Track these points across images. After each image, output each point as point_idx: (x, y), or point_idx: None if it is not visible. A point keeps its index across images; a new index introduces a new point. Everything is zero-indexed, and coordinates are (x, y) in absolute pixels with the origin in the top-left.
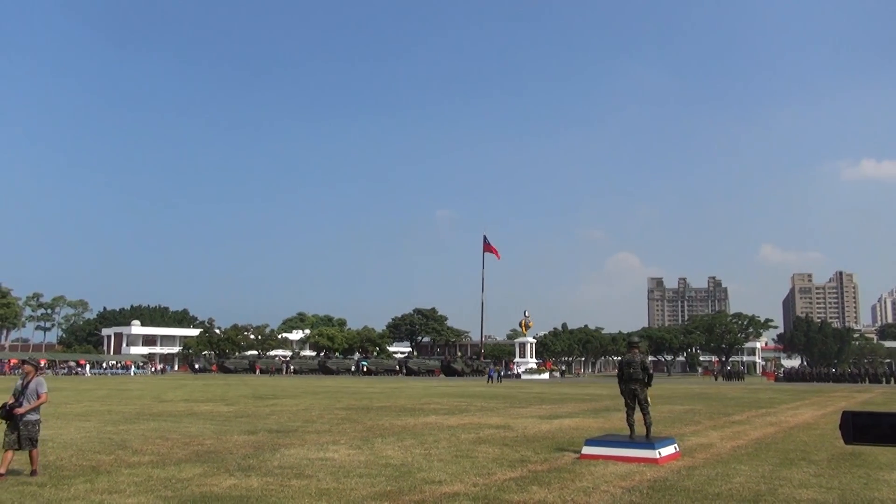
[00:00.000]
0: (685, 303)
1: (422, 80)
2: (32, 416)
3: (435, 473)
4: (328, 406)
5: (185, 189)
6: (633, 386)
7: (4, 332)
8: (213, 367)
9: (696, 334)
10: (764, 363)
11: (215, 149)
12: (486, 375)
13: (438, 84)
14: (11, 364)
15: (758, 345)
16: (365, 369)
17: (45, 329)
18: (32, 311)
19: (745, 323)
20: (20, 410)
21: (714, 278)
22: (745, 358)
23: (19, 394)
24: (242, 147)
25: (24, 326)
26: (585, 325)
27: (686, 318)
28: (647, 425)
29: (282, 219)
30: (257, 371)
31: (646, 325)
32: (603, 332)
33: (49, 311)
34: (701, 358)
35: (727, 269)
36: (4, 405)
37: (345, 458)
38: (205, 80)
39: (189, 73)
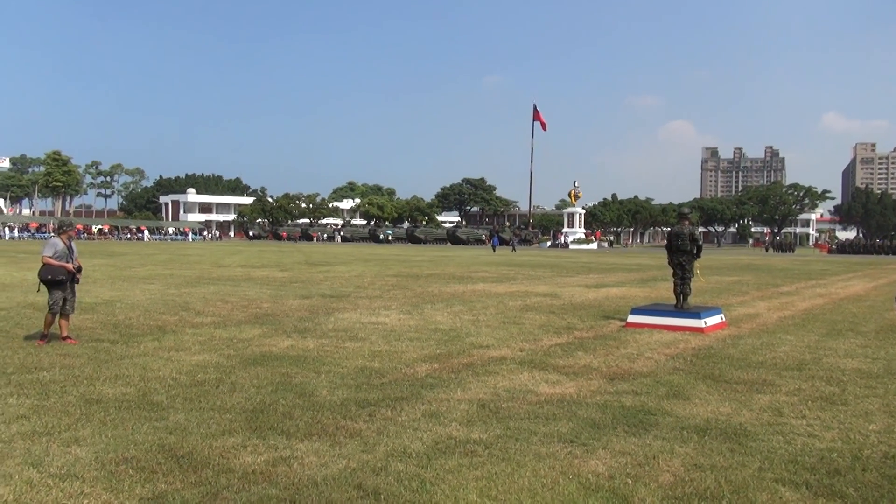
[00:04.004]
0: (740, 173)
1: None
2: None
3: (483, 338)
4: (379, 273)
5: (239, 60)
6: (681, 258)
7: (68, 198)
8: (283, 235)
9: (749, 205)
10: (818, 235)
11: (269, 21)
12: (490, 244)
13: None
14: (77, 229)
15: (813, 216)
16: (390, 238)
17: (106, 196)
18: (92, 178)
19: (801, 194)
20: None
21: (771, 148)
22: (798, 230)
23: (68, 257)
24: (295, 19)
25: (85, 193)
26: (635, 196)
27: (740, 188)
28: (685, 294)
29: (331, 88)
30: (314, 239)
31: (698, 196)
32: (653, 202)
33: (108, 178)
34: (753, 229)
35: (786, 138)
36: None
37: (396, 322)
38: None
39: None
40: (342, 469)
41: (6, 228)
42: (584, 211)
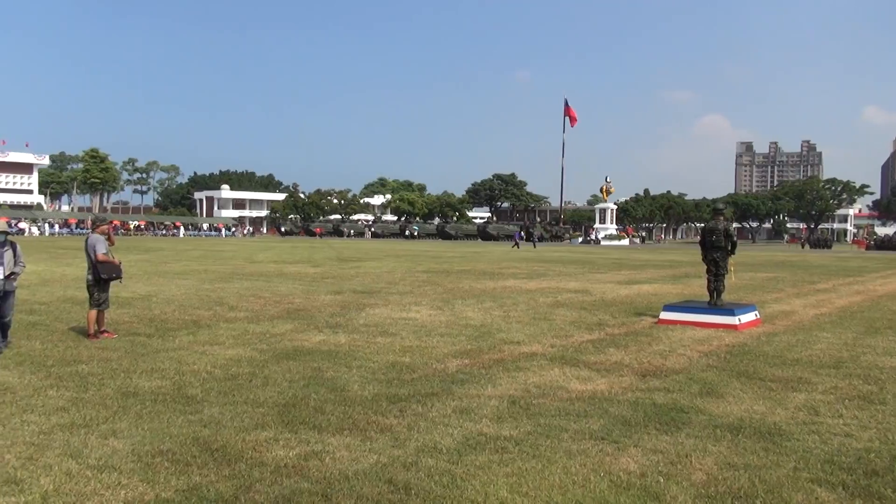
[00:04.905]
0: (775, 168)
1: None
2: None
3: (514, 334)
4: (409, 269)
5: (271, 56)
6: (715, 254)
7: (106, 194)
8: (318, 230)
9: (784, 201)
10: (856, 231)
11: (301, 16)
12: (513, 241)
13: None
14: (114, 224)
15: (851, 212)
16: (416, 234)
17: (142, 193)
18: (129, 175)
19: (839, 189)
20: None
21: (808, 142)
22: (836, 225)
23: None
24: (326, 13)
25: (122, 190)
26: (668, 191)
27: (775, 183)
28: (719, 291)
29: (362, 83)
30: (345, 235)
31: (732, 192)
32: (686, 198)
33: (144, 175)
34: (788, 225)
35: (824, 132)
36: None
37: (426, 318)
38: None
39: None
40: (373, 464)
41: (46, 224)
42: (615, 207)
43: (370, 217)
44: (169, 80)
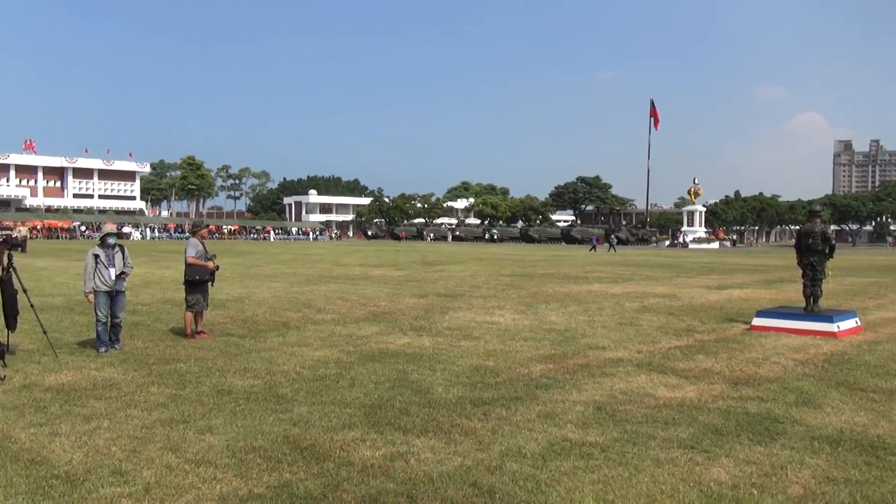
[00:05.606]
0: (877, 167)
1: None
2: None
3: (599, 339)
4: (493, 273)
5: (356, 65)
6: (811, 258)
7: (202, 200)
8: (402, 234)
9: (887, 202)
10: None
11: (382, 21)
12: (590, 244)
13: None
14: (210, 229)
15: None
16: (495, 237)
17: (235, 198)
18: (223, 181)
19: None
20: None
21: None
22: None
23: (204, 256)
24: (406, 17)
25: (217, 195)
26: (760, 193)
27: (877, 184)
28: (815, 296)
29: (445, 87)
30: (426, 238)
31: (829, 193)
32: (780, 199)
33: (237, 181)
34: (892, 227)
35: None
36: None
37: (510, 322)
38: None
39: None
40: (457, 466)
41: (147, 229)
42: (704, 209)
43: (453, 221)
44: (260, 90)
